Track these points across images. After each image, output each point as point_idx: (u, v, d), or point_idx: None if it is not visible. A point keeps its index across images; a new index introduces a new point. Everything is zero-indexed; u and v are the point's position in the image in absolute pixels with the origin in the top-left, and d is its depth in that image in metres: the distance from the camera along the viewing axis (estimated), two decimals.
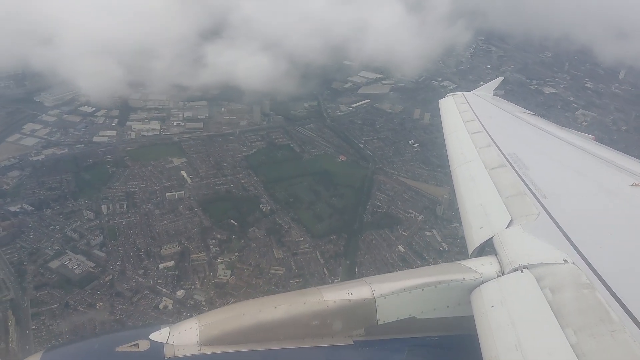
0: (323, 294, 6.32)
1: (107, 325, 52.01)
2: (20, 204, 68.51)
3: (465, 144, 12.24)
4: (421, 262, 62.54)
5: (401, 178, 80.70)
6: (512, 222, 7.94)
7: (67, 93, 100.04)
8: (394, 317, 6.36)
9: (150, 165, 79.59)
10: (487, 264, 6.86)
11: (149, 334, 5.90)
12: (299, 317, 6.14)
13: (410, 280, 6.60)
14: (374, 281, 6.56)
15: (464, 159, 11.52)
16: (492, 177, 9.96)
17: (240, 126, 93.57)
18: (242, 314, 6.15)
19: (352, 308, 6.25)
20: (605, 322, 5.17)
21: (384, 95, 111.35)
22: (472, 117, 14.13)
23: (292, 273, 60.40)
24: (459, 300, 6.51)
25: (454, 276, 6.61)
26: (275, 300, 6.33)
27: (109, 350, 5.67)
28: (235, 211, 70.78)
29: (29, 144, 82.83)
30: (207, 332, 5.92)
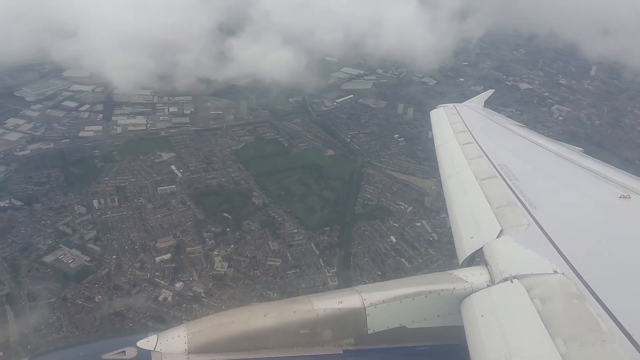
0: (313, 302, 6.27)
1: (108, 318, 52.14)
2: (9, 199, 67.55)
3: (456, 155, 12.26)
4: (413, 252, 64.34)
5: (389, 171, 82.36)
6: (502, 233, 7.97)
7: (48, 88, 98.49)
8: (384, 327, 6.33)
9: (139, 160, 79.25)
10: (477, 273, 6.88)
11: (136, 342, 5.79)
12: (289, 326, 6.08)
13: (400, 289, 6.58)
14: (365, 290, 6.53)
15: (455, 169, 11.54)
16: (483, 188, 9.98)
17: (227, 121, 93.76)
18: (231, 322, 6.08)
19: (342, 317, 6.20)
20: (594, 332, 5.19)
21: (366, 90, 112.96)
22: (463, 128, 14.19)
23: (288, 264, 61.27)
24: (449, 309, 6.51)
25: (444, 286, 6.62)
26: (265, 309, 6.29)
27: (95, 358, 5.56)
28: (228, 204, 71.24)
29: (12, 139, 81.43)
30: (195, 340, 5.84)
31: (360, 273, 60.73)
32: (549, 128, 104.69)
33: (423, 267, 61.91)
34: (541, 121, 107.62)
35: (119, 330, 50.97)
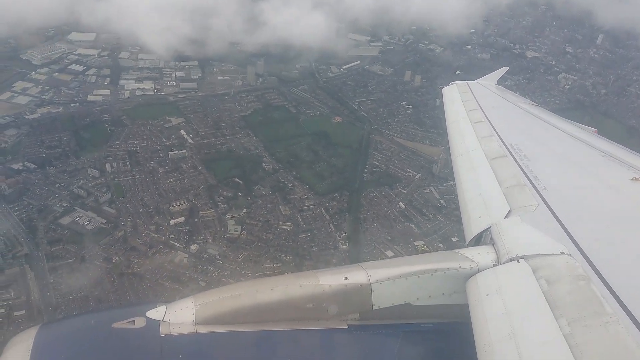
0: (319, 277, 6.36)
1: (126, 278, 53.63)
2: (22, 162, 68.18)
3: (467, 134, 12.15)
4: (422, 218, 65.66)
5: (397, 138, 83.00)
6: (511, 213, 7.97)
7: (54, 51, 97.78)
8: (389, 303, 6.40)
9: (149, 125, 79.58)
10: (484, 253, 6.89)
11: (145, 312, 5.86)
12: (295, 300, 6.17)
13: (406, 267, 6.65)
14: (370, 267, 6.59)
15: (465, 148, 11.42)
16: (493, 167, 9.92)
17: (234, 87, 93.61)
18: (238, 295, 6.17)
19: (347, 292, 6.29)
20: (599, 314, 5.20)
21: (373, 57, 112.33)
22: (475, 106, 13.97)
23: (300, 228, 62.56)
24: (454, 288, 6.56)
25: (450, 264, 6.66)
26: (272, 283, 6.38)
27: (105, 327, 5.67)
28: (239, 170, 72.10)
29: (21, 102, 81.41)
30: (203, 312, 5.93)
31: (370, 238, 62.13)
32: (555, 97, 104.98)
33: (431, 232, 63.39)
34: (547, 90, 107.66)
35: (137, 291, 52.57)
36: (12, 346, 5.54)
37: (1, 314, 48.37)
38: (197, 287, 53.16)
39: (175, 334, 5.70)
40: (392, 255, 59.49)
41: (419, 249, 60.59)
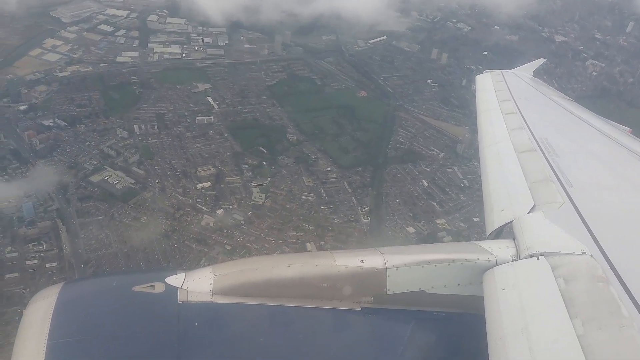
0: (336, 258, 6.42)
1: (154, 238, 55.04)
2: (53, 119, 69.35)
3: (497, 124, 11.83)
4: (444, 196, 66.16)
5: (421, 116, 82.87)
6: (535, 208, 7.86)
7: (83, 10, 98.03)
8: (404, 289, 6.44)
9: (176, 89, 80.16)
10: (503, 247, 6.86)
11: (165, 278, 6.00)
12: (310, 278, 6.26)
13: (423, 255, 6.68)
14: (387, 252, 6.60)
15: (494, 139, 11.19)
16: (520, 161, 9.75)
17: (260, 55, 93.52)
18: (255, 269, 6.32)
19: (363, 275, 6.35)
20: (615, 316, 5.14)
21: (400, 33, 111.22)
22: (508, 97, 13.66)
23: (322, 200, 63.43)
24: (470, 279, 6.56)
25: (468, 255, 6.64)
26: (289, 260, 6.49)
27: (126, 289, 5.84)
28: (264, 139, 72.75)
29: (52, 59, 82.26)
30: (220, 282, 6.05)
31: (392, 213, 62.89)
32: (582, 83, 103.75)
33: (453, 211, 64.00)
34: (574, 75, 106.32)
35: (165, 251, 54.04)
36: (36, 301, 5.74)
37: (34, 265, 50.17)
38: (222, 251, 54.69)
39: (192, 302, 5.83)
40: (413, 231, 60.40)
41: (441, 226, 61.31)
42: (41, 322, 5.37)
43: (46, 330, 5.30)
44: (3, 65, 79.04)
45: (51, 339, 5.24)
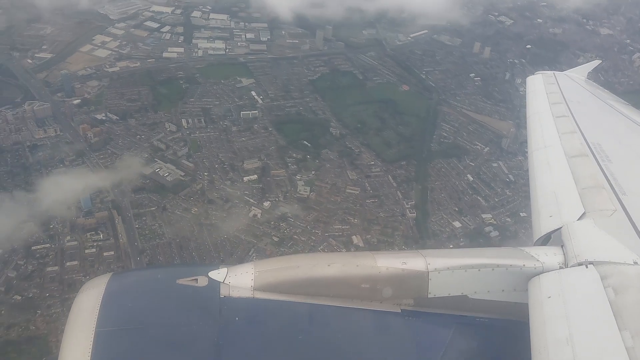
0: (377, 259, 6.43)
1: (205, 228, 56.51)
2: (105, 113, 71.69)
3: (547, 127, 11.57)
4: (489, 191, 65.72)
5: (465, 110, 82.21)
6: (585, 215, 7.67)
7: (130, 7, 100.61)
8: (446, 293, 6.38)
9: (221, 84, 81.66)
10: (550, 254, 6.72)
11: (208, 272, 6.15)
12: (350, 278, 6.27)
13: (467, 259, 6.63)
14: (430, 254, 6.58)
15: (544, 143, 10.97)
16: (571, 166, 9.49)
17: (302, 50, 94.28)
18: (296, 266, 6.37)
19: (404, 277, 6.30)
20: None
21: (441, 27, 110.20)
22: (560, 99, 13.23)
23: (367, 194, 63.87)
24: (515, 286, 6.45)
25: (513, 261, 6.55)
26: (330, 258, 6.51)
27: (170, 282, 6.02)
28: (307, 133, 73.54)
29: (102, 55, 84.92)
30: (261, 278, 6.15)
31: (438, 208, 62.88)
32: (629, 77, 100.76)
33: (499, 206, 63.55)
34: (621, 69, 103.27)
35: (215, 241, 55.43)
36: (85, 290, 5.97)
37: (93, 254, 52.24)
38: (270, 242, 55.80)
39: (234, 297, 5.96)
40: (459, 225, 60.30)
41: (487, 221, 61.01)
42: (90, 310, 5.59)
43: (95, 318, 5.51)
44: (56, 62, 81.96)
45: (99, 326, 5.45)
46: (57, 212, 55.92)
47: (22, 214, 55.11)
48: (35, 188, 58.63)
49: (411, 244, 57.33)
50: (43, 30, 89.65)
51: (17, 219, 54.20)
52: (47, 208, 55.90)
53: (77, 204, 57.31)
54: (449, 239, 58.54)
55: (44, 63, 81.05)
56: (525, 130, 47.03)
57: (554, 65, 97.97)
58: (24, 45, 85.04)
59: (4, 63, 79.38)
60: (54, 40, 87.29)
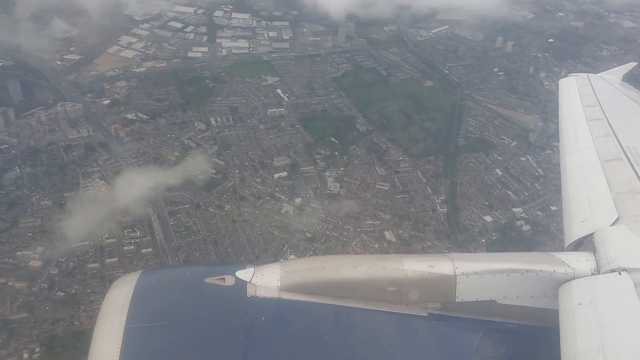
0: (403, 262, 6.40)
1: (238, 225, 57.26)
2: (135, 113, 72.78)
3: (581, 131, 11.34)
4: (519, 185, 65.63)
5: (490, 105, 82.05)
6: (619, 221, 7.53)
7: (153, 8, 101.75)
8: (474, 297, 6.33)
9: (247, 82, 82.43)
10: (582, 259, 6.60)
11: (235, 271, 6.26)
12: (377, 281, 6.26)
13: (495, 263, 6.55)
14: (457, 258, 6.53)
15: (577, 146, 10.76)
16: (605, 170, 9.31)
17: (325, 48, 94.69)
18: (322, 268, 6.44)
19: (431, 281, 6.28)
20: None
21: (462, 22, 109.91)
22: (594, 102, 12.87)
23: (396, 189, 64.20)
24: (545, 291, 6.37)
25: (544, 267, 6.46)
26: (356, 260, 6.59)
27: (199, 280, 6.15)
28: (334, 129, 74.00)
29: (128, 56, 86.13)
30: (287, 279, 6.22)
31: (468, 202, 62.99)
32: None
33: (529, 200, 63.50)
34: None
35: (249, 237, 56.14)
36: (116, 287, 6.17)
37: (131, 251, 53.25)
38: (303, 238, 56.35)
39: (260, 297, 6.06)
40: (490, 220, 60.35)
41: (518, 215, 61.00)
42: (121, 307, 5.76)
43: (125, 314, 5.67)
44: (85, 63, 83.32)
45: (129, 323, 5.60)
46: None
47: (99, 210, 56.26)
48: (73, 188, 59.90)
49: (443, 239, 57.70)
50: (70, 33, 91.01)
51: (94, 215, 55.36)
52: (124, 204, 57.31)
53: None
54: (480, 234, 58.75)
55: (73, 65, 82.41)
56: (552, 124, 48.00)
57: (577, 58, 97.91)
58: (52, 47, 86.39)
59: (35, 65, 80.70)
60: (81, 42, 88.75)
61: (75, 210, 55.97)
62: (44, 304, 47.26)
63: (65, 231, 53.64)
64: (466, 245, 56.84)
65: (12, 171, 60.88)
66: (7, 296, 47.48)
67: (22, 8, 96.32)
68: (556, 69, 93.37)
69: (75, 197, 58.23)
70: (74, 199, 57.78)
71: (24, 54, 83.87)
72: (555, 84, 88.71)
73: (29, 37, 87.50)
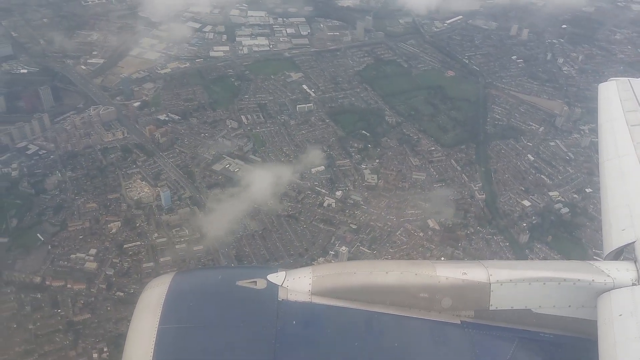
0: (437, 268, 6.32)
1: (284, 219, 57.99)
2: (166, 113, 73.32)
3: (621, 136, 10.95)
4: (552, 170, 66.59)
5: (513, 92, 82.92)
6: None
7: (168, 9, 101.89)
8: (508, 306, 6.20)
9: (271, 79, 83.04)
10: (622, 269, 6.43)
11: (267, 275, 6.24)
12: (409, 287, 6.18)
13: (531, 271, 6.43)
14: (492, 265, 6.41)
15: (617, 152, 10.45)
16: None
17: (344, 42, 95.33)
18: (353, 273, 6.36)
19: (464, 288, 6.18)
20: None
21: (475, 11, 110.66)
22: (635, 106, 12.35)
23: (432, 178, 65.11)
24: (583, 302, 6.19)
25: (582, 276, 6.29)
26: (388, 266, 6.46)
27: (230, 283, 6.15)
28: (364, 122, 74.83)
29: (151, 57, 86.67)
30: (319, 283, 6.20)
31: (504, 188, 63.95)
32: None
33: (564, 184, 64.48)
34: None
35: (295, 231, 56.89)
36: (150, 288, 6.22)
37: (183, 249, 53.87)
38: (349, 229, 57.17)
39: (292, 300, 6.05)
40: (528, 204, 61.26)
41: (555, 199, 61.91)
42: (154, 307, 5.83)
43: (158, 315, 5.73)
44: (109, 66, 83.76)
45: (162, 323, 5.66)
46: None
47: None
48: (115, 189, 60.54)
49: (485, 225, 58.59)
50: (90, 37, 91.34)
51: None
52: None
53: (157, 202, 58.98)
54: (521, 218, 59.65)
55: (97, 68, 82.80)
56: (577, 108, 48.42)
57: (592, 42, 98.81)
58: (75, 52, 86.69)
59: (61, 71, 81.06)
60: (102, 46, 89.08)
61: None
62: (104, 304, 48.00)
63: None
64: (508, 230, 57.91)
65: (54, 176, 61.41)
66: (68, 298, 48.24)
67: (39, 14, 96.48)
68: (573, 54, 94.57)
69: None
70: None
71: (48, 60, 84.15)
72: (573, 69, 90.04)
73: (50, 43, 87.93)
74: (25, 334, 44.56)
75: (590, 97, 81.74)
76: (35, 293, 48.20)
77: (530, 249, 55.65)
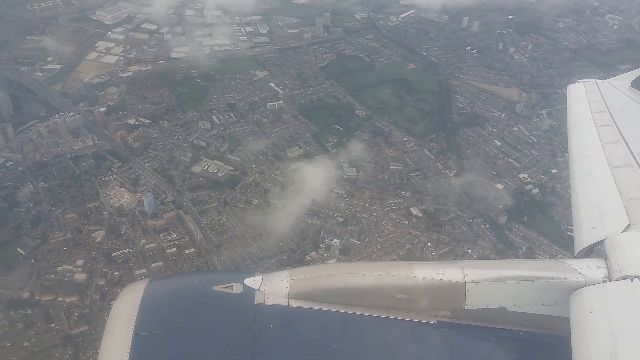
0: (413, 269, 6.34)
1: (270, 217, 58.23)
2: (135, 118, 71.55)
3: (589, 137, 11.25)
4: (518, 154, 70.22)
5: (472, 82, 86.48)
6: (630, 227, 7.51)
7: (121, 11, 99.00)
8: (483, 305, 6.27)
9: (238, 79, 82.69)
10: (593, 267, 6.54)
11: (244, 279, 6.16)
12: (386, 288, 6.20)
13: (505, 270, 6.53)
14: (467, 265, 6.47)
15: (585, 153, 10.68)
16: (615, 177, 9.26)
17: (304, 39, 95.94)
18: (331, 275, 6.38)
19: (440, 288, 6.23)
20: None
21: (425, 5, 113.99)
22: (602, 108, 12.78)
23: (409, 168, 67.20)
24: (556, 299, 6.29)
25: (554, 274, 6.39)
26: (365, 268, 6.51)
27: (207, 288, 6.06)
28: (335, 117, 76.03)
29: (110, 61, 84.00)
30: (296, 286, 6.15)
31: (477, 173, 66.82)
32: (607, 37, 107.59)
33: (531, 166, 68.30)
34: (598, 30, 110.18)
35: (284, 227, 57.23)
36: (124, 295, 6.08)
37: (174, 253, 53.14)
38: (336, 222, 58.20)
39: (269, 304, 5.99)
40: (502, 187, 64.40)
41: (525, 180, 65.42)
42: (129, 315, 5.68)
43: (133, 322, 5.58)
44: (67, 72, 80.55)
45: (137, 330, 5.51)
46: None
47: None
48: (94, 198, 58.68)
49: (465, 210, 61.12)
50: (42, 42, 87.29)
51: None
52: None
53: (139, 207, 57.72)
54: (496, 200, 62.61)
55: (55, 75, 79.47)
56: (535, 94, 52.26)
57: (538, 32, 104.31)
58: (27, 58, 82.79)
59: (16, 78, 77.27)
60: (56, 51, 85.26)
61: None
62: (100, 314, 46.62)
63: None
64: (487, 213, 60.71)
65: (26, 187, 58.86)
66: (61, 312, 46.72)
67: None
68: (522, 43, 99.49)
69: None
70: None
71: (0, 67, 79.89)
72: (524, 57, 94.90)
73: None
74: (22, 352, 42.88)
75: (543, 84, 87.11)
76: (25, 309, 46.27)
77: (510, 229, 58.74)
